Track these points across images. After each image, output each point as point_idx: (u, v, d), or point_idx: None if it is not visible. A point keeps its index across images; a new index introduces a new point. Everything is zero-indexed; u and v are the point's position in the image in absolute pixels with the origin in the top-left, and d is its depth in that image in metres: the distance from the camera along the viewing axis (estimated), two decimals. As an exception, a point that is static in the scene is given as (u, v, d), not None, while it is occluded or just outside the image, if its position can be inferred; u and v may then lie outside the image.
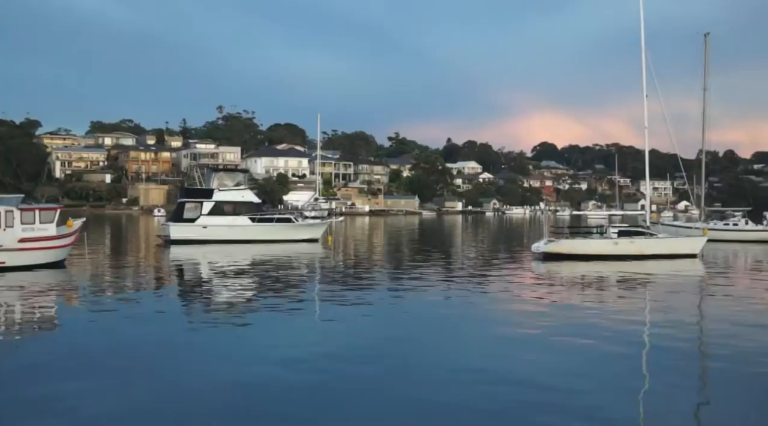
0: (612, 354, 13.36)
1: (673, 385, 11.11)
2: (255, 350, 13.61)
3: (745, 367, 12.20)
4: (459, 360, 12.87)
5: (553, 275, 28.32)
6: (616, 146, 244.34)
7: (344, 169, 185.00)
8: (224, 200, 47.28)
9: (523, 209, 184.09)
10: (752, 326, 16.35)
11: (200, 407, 9.91)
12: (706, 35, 53.35)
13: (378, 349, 13.69)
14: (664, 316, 18.25)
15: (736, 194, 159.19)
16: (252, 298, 21.53)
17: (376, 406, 10.07)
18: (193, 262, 33.42)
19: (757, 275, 29.77)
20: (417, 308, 19.44)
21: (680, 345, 14.22)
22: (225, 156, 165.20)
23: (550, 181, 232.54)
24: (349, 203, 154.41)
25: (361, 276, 28.28)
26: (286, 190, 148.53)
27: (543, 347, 14.00)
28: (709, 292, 23.99)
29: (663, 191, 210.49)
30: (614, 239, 35.48)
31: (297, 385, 10.97)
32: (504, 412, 9.73)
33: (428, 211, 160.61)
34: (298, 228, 49.42)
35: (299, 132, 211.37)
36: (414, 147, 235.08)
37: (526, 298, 21.55)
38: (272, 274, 28.00)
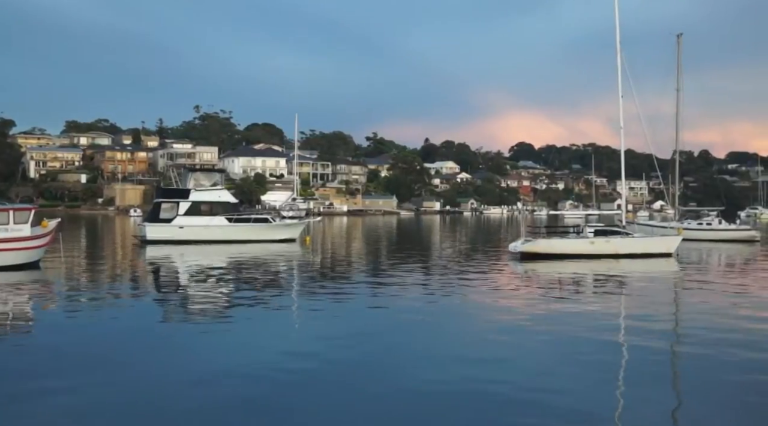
0: (588, 352, 13.45)
1: (649, 384, 11.21)
2: (231, 350, 13.55)
3: (719, 365, 12.33)
4: (436, 360, 12.90)
5: (530, 274, 28.48)
6: (593, 146, 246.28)
7: (322, 169, 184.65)
8: (201, 200, 47.04)
9: (500, 209, 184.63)
10: (726, 324, 16.51)
11: (175, 407, 9.85)
12: (679, 36, 53.97)
13: (354, 349, 13.68)
14: (640, 314, 18.41)
15: (710, 194, 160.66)
16: (228, 298, 21.43)
17: (350, 405, 10.06)
18: (169, 263, 33.22)
19: (730, 274, 30.09)
20: (394, 308, 19.42)
21: (656, 343, 14.35)
22: (202, 156, 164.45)
23: (527, 181, 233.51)
24: (327, 203, 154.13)
25: (339, 276, 28.27)
26: (264, 190, 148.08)
27: (519, 346, 14.06)
28: (684, 291, 24.21)
29: (639, 191, 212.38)
30: (590, 239, 35.73)
31: (272, 384, 10.93)
32: (480, 412, 9.75)
33: (406, 211, 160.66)
34: (276, 228, 49.26)
35: (277, 132, 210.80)
36: (392, 147, 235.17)
37: (503, 298, 21.62)
38: (249, 275, 27.91)
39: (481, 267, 31.44)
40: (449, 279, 26.59)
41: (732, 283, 26.09)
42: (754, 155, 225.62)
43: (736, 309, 19.10)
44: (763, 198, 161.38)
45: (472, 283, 25.32)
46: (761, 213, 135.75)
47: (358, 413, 9.72)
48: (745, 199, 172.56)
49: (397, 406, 10.04)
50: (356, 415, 9.63)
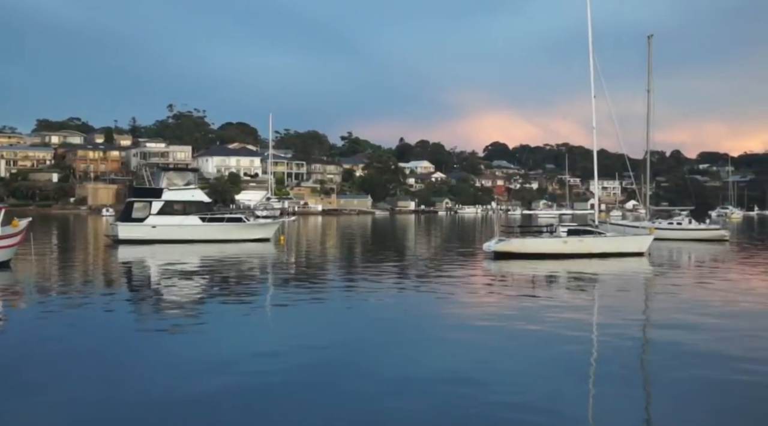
0: (561, 351, 13.52)
1: (620, 384, 11.30)
2: (203, 350, 13.47)
3: (690, 365, 12.44)
4: (409, 361, 12.90)
5: (503, 274, 28.60)
6: (566, 146, 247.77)
7: (297, 168, 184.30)
8: (174, 199, 46.74)
9: (475, 208, 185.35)
10: (697, 322, 16.68)
11: (145, 408, 9.77)
12: (650, 37, 54.58)
13: (327, 349, 13.65)
14: (612, 314, 18.54)
15: (682, 193, 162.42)
16: (201, 298, 21.30)
17: (321, 406, 10.03)
18: (141, 262, 32.95)
19: (700, 272, 30.43)
20: (368, 308, 19.43)
21: (628, 343, 14.46)
22: (176, 155, 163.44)
23: (501, 180, 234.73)
24: (301, 203, 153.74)
25: (313, 275, 28.21)
26: (238, 189, 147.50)
27: (491, 345, 14.11)
28: (655, 290, 24.45)
29: (612, 191, 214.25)
30: (564, 238, 35.96)
31: (243, 385, 10.88)
32: (451, 411, 9.77)
33: (381, 211, 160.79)
34: (250, 227, 49.05)
35: (251, 131, 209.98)
36: (367, 146, 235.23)
37: (477, 297, 21.70)
38: (223, 274, 27.78)
39: (455, 266, 31.52)
40: (423, 278, 26.63)
41: (702, 281, 26.38)
42: (725, 155, 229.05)
43: (707, 307, 19.30)
44: (733, 198, 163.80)
45: (446, 282, 25.37)
46: (732, 213, 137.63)
47: (330, 414, 9.69)
48: (716, 199, 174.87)
49: (368, 406, 10.03)
50: (328, 416, 9.61)
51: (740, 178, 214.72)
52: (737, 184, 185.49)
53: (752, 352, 13.44)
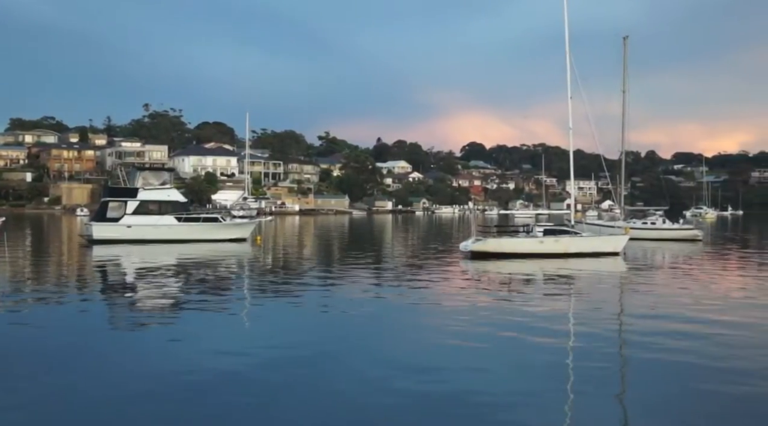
0: (536, 352, 13.55)
1: (596, 385, 11.33)
2: (178, 351, 13.35)
3: (665, 365, 12.53)
4: (383, 362, 12.86)
5: (480, 274, 28.66)
6: (543, 146, 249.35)
7: (274, 168, 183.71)
8: (149, 199, 46.42)
9: (452, 208, 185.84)
10: (671, 322, 16.80)
11: (117, 410, 9.66)
12: (625, 38, 55.01)
13: (303, 350, 13.58)
14: (588, 313, 18.66)
15: (657, 194, 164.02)
16: (176, 298, 21.11)
17: (297, 406, 9.98)
18: (116, 263, 32.65)
19: (673, 272, 30.66)
20: (344, 308, 19.33)
21: (603, 342, 14.51)
22: (152, 154, 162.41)
23: (478, 180, 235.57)
24: (278, 202, 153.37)
25: (290, 276, 28.10)
26: (215, 189, 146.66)
27: (466, 346, 14.10)
28: (630, 289, 24.58)
29: (588, 191, 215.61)
30: (540, 238, 36.12)
31: (216, 385, 10.79)
32: (424, 414, 9.75)
33: (358, 211, 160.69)
34: (226, 227, 48.82)
35: (228, 130, 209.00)
36: (344, 146, 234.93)
37: (453, 297, 21.69)
38: (198, 275, 27.58)
39: (431, 266, 31.55)
40: (400, 278, 26.63)
41: (676, 281, 26.61)
42: (699, 156, 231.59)
43: (680, 307, 19.45)
44: (707, 198, 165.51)
45: (423, 282, 25.40)
46: (706, 213, 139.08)
47: (306, 414, 9.64)
48: (691, 199, 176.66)
49: (341, 408, 9.99)
50: (304, 416, 9.56)
51: (714, 179, 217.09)
52: (711, 184, 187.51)
53: (726, 351, 13.55)
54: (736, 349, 13.71)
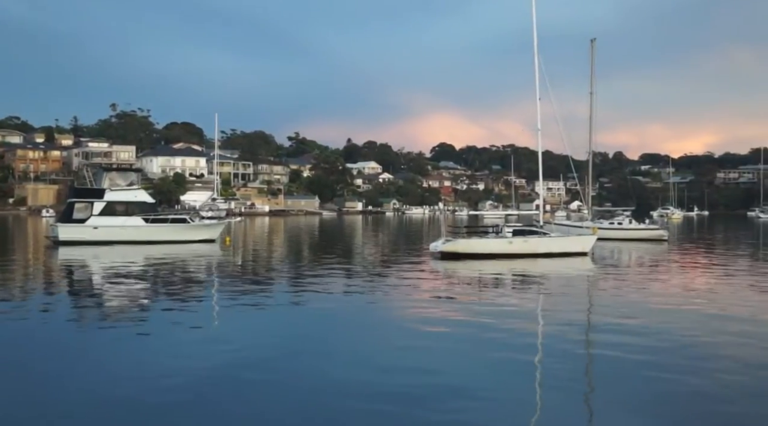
0: (505, 352, 13.59)
1: (565, 384, 11.39)
2: (145, 356, 13.21)
3: (633, 363, 12.63)
4: (352, 362, 12.84)
5: (449, 274, 28.72)
6: (512, 147, 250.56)
7: (243, 168, 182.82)
8: (116, 200, 45.95)
9: (422, 209, 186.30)
10: (639, 320, 16.95)
11: (82, 416, 9.53)
12: (592, 41, 55.54)
13: (272, 351, 13.52)
14: (556, 313, 18.78)
15: (624, 194, 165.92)
16: (143, 300, 20.91)
17: (266, 407, 9.92)
18: (82, 264, 32.25)
19: (640, 271, 30.97)
20: (313, 309, 19.31)
21: (572, 342, 14.61)
22: (119, 155, 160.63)
23: (448, 181, 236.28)
24: (248, 203, 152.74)
25: (259, 277, 27.97)
26: (184, 190, 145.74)
27: (435, 346, 14.12)
28: (599, 289, 24.78)
29: (557, 191, 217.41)
30: (509, 238, 36.29)
31: (185, 389, 10.70)
32: (393, 414, 9.74)
33: (329, 212, 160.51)
34: (194, 228, 48.48)
35: (197, 131, 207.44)
36: (314, 147, 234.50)
37: (422, 298, 21.70)
38: (166, 276, 27.34)
39: (401, 267, 31.58)
40: (370, 279, 26.61)
41: (643, 280, 26.90)
42: (666, 157, 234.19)
43: (648, 305, 19.66)
44: (674, 198, 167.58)
45: (392, 282, 25.42)
46: (672, 213, 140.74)
47: (274, 416, 9.59)
48: (657, 200, 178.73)
49: (312, 407, 9.94)
50: (272, 418, 9.50)
51: (680, 180, 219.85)
52: (677, 185, 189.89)
53: (691, 350, 13.71)
54: (703, 348, 13.87)
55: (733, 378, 11.48)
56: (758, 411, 9.91)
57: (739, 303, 20.41)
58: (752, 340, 14.67)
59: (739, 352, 13.51)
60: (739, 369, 12.09)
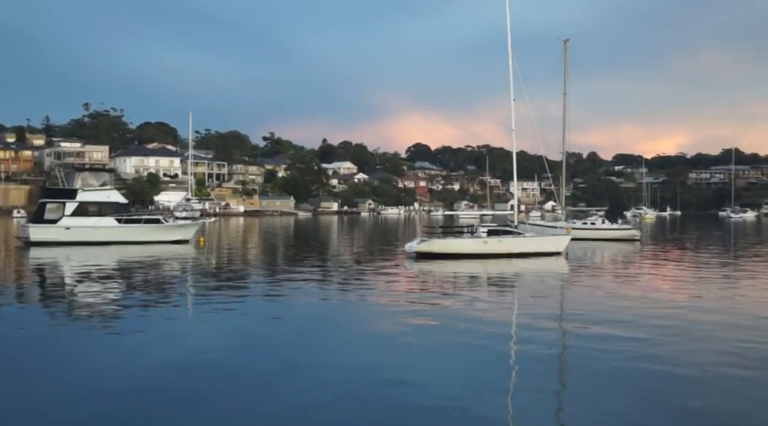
0: (480, 352, 13.62)
1: (540, 383, 11.43)
2: (117, 357, 13.08)
3: (607, 362, 12.70)
4: (327, 364, 12.79)
5: (425, 274, 28.73)
6: (487, 148, 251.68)
7: (218, 169, 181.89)
8: (88, 200, 45.47)
9: (398, 209, 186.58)
10: (612, 319, 17.05)
11: (54, 419, 9.42)
12: (566, 42, 56.04)
13: (244, 353, 13.45)
14: (531, 312, 18.86)
15: (598, 194, 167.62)
16: (116, 302, 20.70)
17: (239, 410, 9.86)
18: (53, 265, 31.90)
19: (613, 271, 31.20)
20: (287, 310, 19.25)
21: (547, 341, 14.65)
22: (92, 155, 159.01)
23: (423, 181, 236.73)
24: (223, 204, 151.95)
25: (233, 278, 27.80)
26: (158, 190, 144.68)
27: (410, 347, 14.12)
28: (573, 288, 24.93)
29: (531, 191, 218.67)
30: (484, 238, 36.42)
31: (155, 391, 10.60)
32: (366, 417, 9.72)
33: (304, 212, 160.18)
34: (168, 229, 48.12)
35: (171, 131, 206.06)
36: (289, 147, 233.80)
37: (397, 298, 21.66)
38: (139, 277, 27.11)
39: (376, 267, 31.56)
40: (345, 279, 26.56)
41: (615, 279, 27.10)
42: (639, 157, 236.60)
43: (621, 304, 19.81)
44: (647, 198, 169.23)
45: (368, 283, 25.40)
46: (646, 213, 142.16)
47: (247, 418, 9.53)
48: (631, 200, 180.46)
49: (284, 414, 9.90)
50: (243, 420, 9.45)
51: (653, 180, 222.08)
52: (650, 185, 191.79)
53: (664, 347, 13.82)
54: (675, 345, 13.99)
55: (711, 372, 11.60)
56: (734, 406, 10.01)
57: (710, 298, 20.65)
58: (722, 333, 14.82)
59: (714, 345, 13.65)
60: (717, 362, 12.21)
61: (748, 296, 22.21)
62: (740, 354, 13.19)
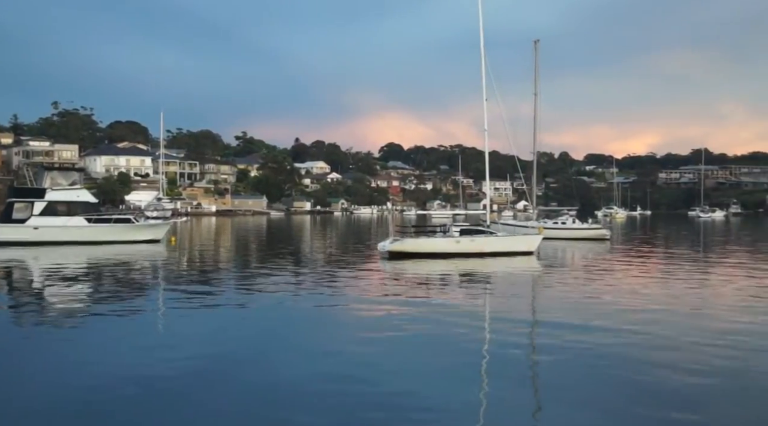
0: (452, 350, 13.65)
1: (512, 381, 11.48)
2: (86, 357, 12.93)
3: (577, 359, 12.79)
4: (299, 363, 12.75)
5: (397, 273, 28.75)
6: (460, 147, 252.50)
7: (190, 168, 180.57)
8: (57, 200, 44.97)
9: (370, 209, 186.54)
10: (583, 317, 17.17)
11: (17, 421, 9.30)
12: (536, 42, 56.42)
13: (211, 355, 13.36)
14: (504, 312, 18.96)
15: (570, 194, 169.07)
16: (85, 302, 20.48)
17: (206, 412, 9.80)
18: (21, 266, 31.45)
19: (584, 270, 31.42)
20: (259, 310, 19.16)
21: (519, 339, 14.72)
22: (61, 154, 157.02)
23: (396, 181, 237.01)
24: (194, 203, 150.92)
25: (205, 278, 27.61)
26: (128, 189, 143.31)
27: (382, 345, 14.11)
28: (545, 287, 25.07)
29: (504, 191, 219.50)
30: (456, 238, 36.55)
31: (117, 398, 10.50)
32: (337, 413, 9.70)
33: (276, 212, 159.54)
34: (139, 228, 47.72)
35: (142, 130, 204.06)
36: (262, 146, 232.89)
37: (369, 297, 21.69)
38: (108, 278, 26.83)
39: (349, 266, 31.54)
40: (317, 279, 26.48)
41: (585, 278, 27.32)
42: (610, 157, 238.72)
43: (590, 302, 19.98)
44: (618, 198, 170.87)
45: (340, 282, 25.37)
46: (616, 213, 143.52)
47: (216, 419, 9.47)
48: (602, 200, 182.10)
49: (251, 412, 9.85)
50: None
51: (624, 180, 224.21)
52: (621, 185, 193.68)
53: (633, 343, 13.95)
54: (643, 340, 14.13)
55: (679, 369, 11.73)
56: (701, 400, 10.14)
57: (676, 295, 20.89)
58: (685, 328, 14.99)
59: (679, 342, 13.81)
60: (684, 360, 12.36)
61: (709, 292, 22.53)
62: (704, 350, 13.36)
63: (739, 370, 12.07)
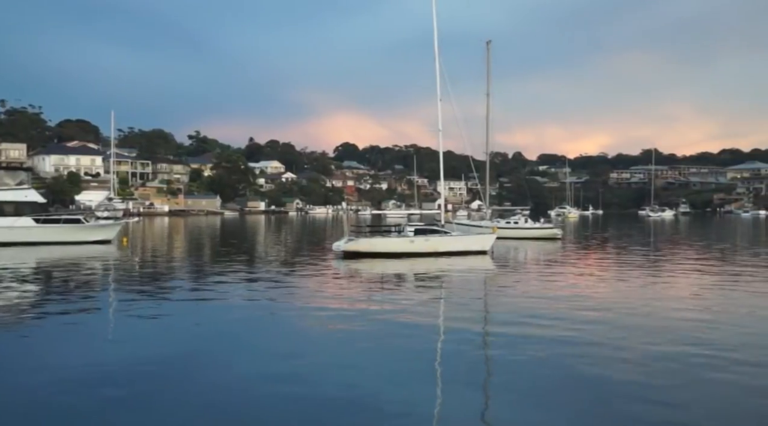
0: (405, 349, 13.70)
1: (464, 380, 11.55)
2: (31, 363, 12.68)
3: (531, 358, 12.93)
4: (252, 364, 12.67)
5: (352, 273, 28.76)
6: (414, 147, 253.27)
7: (142, 168, 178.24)
8: (4, 200, 44.08)
9: (326, 209, 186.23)
10: (537, 316, 17.36)
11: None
12: (488, 43, 56.98)
13: (160, 359, 13.21)
14: (457, 311, 19.11)
15: (523, 194, 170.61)
16: (31, 305, 20.06)
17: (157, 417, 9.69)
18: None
19: (536, 268, 31.79)
20: (211, 311, 18.99)
21: (473, 339, 14.83)
22: (8, 153, 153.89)
23: (351, 181, 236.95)
24: (147, 203, 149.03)
25: (156, 280, 27.25)
26: (79, 189, 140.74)
27: (336, 345, 14.12)
28: (498, 285, 25.26)
29: (458, 191, 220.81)
30: (411, 238, 36.70)
31: (65, 407, 10.33)
32: (291, 414, 9.67)
33: (230, 211, 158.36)
34: (89, 229, 46.95)
35: (92, 129, 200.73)
36: (216, 146, 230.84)
37: (324, 297, 21.68)
38: (56, 279, 26.34)
39: (304, 266, 31.42)
40: (271, 279, 26.33)
41: (537, 276, 27.64)
42: (563, 157, 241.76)
43: (545, 300, 20.20)
44: (570, 198, 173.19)
45: (295, 282, 25.28)
46: (569, 212, 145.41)
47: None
48: (555, 199, 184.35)
49: (203, 416, 9.77)
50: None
51: (576, 180, 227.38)
52: (573, 185, 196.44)
53: (588, 341, 14.15)
54: (598, 336, 14.34)
55: (632, 365, 11.93)
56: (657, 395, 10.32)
57: (623, 291, 21.25)
58: (641, 324, 15.27)
59: (631, 340, 14.05)
60: (636, 358, 12.57)
61: (655, 290, 22.99)
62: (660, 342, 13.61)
63: (679, 363, 12.33)
